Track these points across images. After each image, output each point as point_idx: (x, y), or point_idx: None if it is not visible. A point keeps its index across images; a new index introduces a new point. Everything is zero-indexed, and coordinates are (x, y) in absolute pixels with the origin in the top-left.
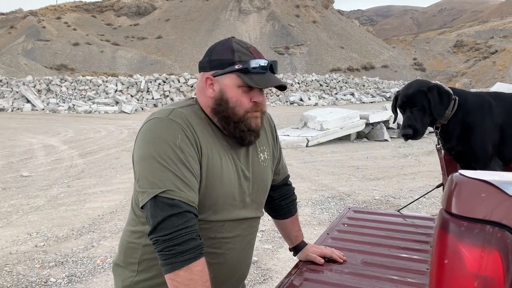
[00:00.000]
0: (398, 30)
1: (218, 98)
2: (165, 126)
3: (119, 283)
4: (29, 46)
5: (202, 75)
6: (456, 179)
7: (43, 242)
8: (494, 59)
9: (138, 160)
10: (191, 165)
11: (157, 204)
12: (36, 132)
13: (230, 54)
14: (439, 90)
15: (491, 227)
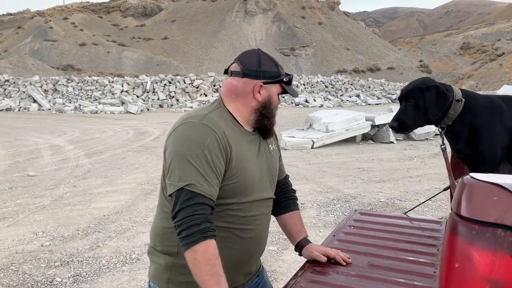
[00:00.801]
0: (404, 32)
1: (266, 101)
2: (197, 130)
3: (160, 266)
4: (36, 46)
5: (249, 81)
6: (467, 182)
7: (49, 242)
8: (501, 61)
9: (170, 156)
10: (215, 164)
11: (179, 195)
12: (42, 132)
13: (276, 67)
14: (437, 90)
15: (503, 230)
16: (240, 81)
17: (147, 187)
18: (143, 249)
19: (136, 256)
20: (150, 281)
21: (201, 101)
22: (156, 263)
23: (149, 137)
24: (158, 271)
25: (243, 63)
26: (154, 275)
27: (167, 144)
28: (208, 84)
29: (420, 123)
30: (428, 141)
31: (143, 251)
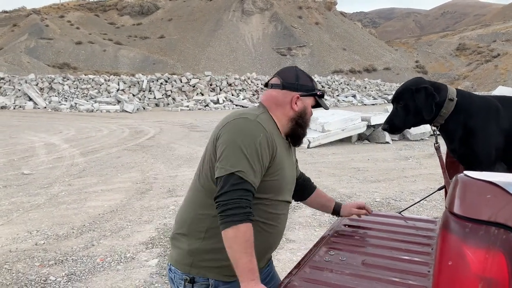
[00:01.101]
0: (400, 33)
1: (302, 112)
2: (253, 125)
3: (183, 251)
4: (32, 44)
5: (288, 93)
6: (460, 179)
7: (43, 240)
8: (496, 62)
9: (225, 143)
10: (262, 159)
11: (229, 178)
12: (37, 130)
13: (311, 82)
14: (426, 91)
15: (496, 228)
16: (280, 93)
17: (142, 186)
18: (138, 248)
19: (131, 255)
20: (171, 264)
21: (198, 100)
22: (179, 248)
23: (145, 136)
24: (181, 256)
25: (283, 77)
26: (177, 260)
27: (221, 132)
28: (205, 83)
29: (411, 124)
30: (423, 142)
31: (138, 250)
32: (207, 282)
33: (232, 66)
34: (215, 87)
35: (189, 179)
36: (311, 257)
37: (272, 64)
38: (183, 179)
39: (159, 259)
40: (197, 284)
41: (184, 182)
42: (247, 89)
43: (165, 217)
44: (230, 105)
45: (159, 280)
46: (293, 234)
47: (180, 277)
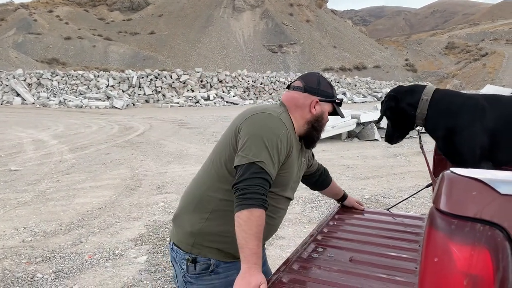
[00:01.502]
0: (390, 31)
1: (319, 116)
2: (276, 122)
3: (185, 232)
4: (19, 39)
5: (309, 96)
6: (447, 176)
7: (31, 237)
8: (484, 61)
9: (248, 135)
10: (280, 154)
11: (250, 167)
12: (25, 126)
13: (331, 89)
14: (390, 99)
15: (481, 225)
16: (301, 95)
17: (131, 183)
18: (126, 245)
19: (119, 252)
20: (173, 243)
21: (188, 97)
22: (182, 228)
23: (134, 132)
24: (183, 236)
25: (305, 81)
26: (179, 239)
27: (244, 125)
28: (195, 80)
29: (401, 131)
30: (412, 139)
31: (126, 247)
32: (209, 262)
33: (223, 63)
34: (206, 83)
35: (178, 175)
36: (299, 254)
37: (263, 61)
38: (172, 176)
39: (148, 256)
40: (198, 264)
41: (173, 179)
42: (237, 86)
43: (154, 214)
44: (221, 101)
45: (148, 277)
46: (283, 230)
47: (182, 257)
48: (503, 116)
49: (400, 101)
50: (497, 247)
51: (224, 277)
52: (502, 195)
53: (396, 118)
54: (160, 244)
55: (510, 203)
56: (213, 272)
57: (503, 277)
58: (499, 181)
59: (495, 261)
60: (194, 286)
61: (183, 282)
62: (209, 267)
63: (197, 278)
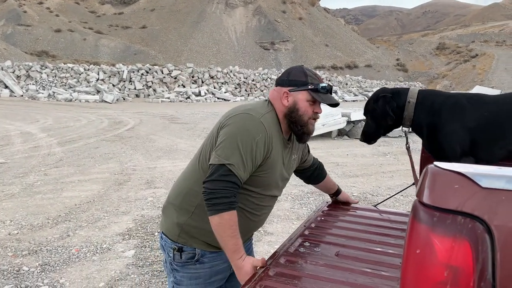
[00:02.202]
0: (382, 30)
1: (291, 107)
2: (255, 124)
3: (173, 222)
4: (9, 31)
5: (279, 89)
6: (430, 170)
7: (17, 230)
8: (474, 62)
9: (226, 135)
10: (256, 157)
11: (219, 168)
12: (13, 118)
13: (304, 77)
14: (384, 99)
15: (462, 218)
16: (275, 89)
17: (120, 177)
18: (114, 239)
19: (107, 246)
20: (162, 232)
21: (179, 92)
22: (170, 218)
23: (124, 127)
24: (171, 226)
25: (280, 75)
26: (167, 228)
27: (226, 123)
28: (187, 75)
29: (382, 131)
30: (401, 138)
31: (114, 241)
32: (194, 252)
33: (215, 59)
34: (197, 79)
35: (168, 171)
36: (286, 248)
37: (255, 58)
38: (162, 171)
39: (135, 250)
40: (184, 253)
41: (163, 174)
42: (229, 82)
43: (142, 208)
44: (212, 97)
45: (135, 271)
46: (271, 226)
47: (169, 246)
48: (484, 115)
49: (391, 102)
50: (477, 239)
51: (209, 266)
52: (483, 188)
53: (383, 119)
54: (148, 238)
55: (491, 196)
56: (198, 261)
57: (482, 269)
58: (481, 174)
59: (475, 253)
60: (179, 273)
61: (170, 269)
62: (194, 257)
63: (183, 266)
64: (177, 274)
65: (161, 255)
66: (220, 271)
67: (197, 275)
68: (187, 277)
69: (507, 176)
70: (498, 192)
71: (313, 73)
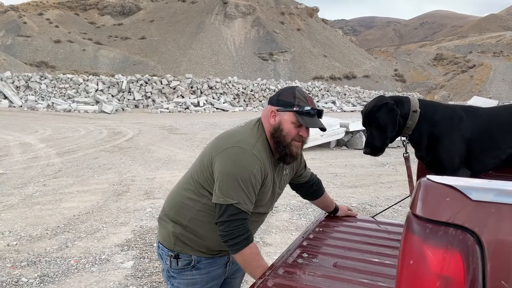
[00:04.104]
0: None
1: (276, 127)
2: (249, 159)
3: (168, 232)
4: (8, 41)
5: (269, 107)
6: (423, 183)
7: (16, 241)
8: (472, 73)
9: (223, 174)
10: (256, 188)
11: (227, 209)
12: (12, 129)
13: (292, 98)
14: (386, 107)
15: (454, 229)
16: (266, 108)
17: (119, 188)
18: (113, 250)
19: (106, 257)
20: (159, 242)
21: (178, 103)
22: (165, 228)
23: (123, 137)
24: (166, 235)
25: (274, 94)
26: (163, 237)
27: (218, 158)
28: (186, 86)
29: (388, 141)
30: (399, 149)
31: (113, 252)
32: (190, 258)
33: (214, 69)
34: (196, 89)
35: (167, 181)
36: (284, 259)
37: (253, 69)
38: (161, 182)
39: (134, 261)
40: (180, 259)
41: (162, 185)
42: (228, 93)
43: (141, 219)
44: (211, 108)
45: (134, 283)
46: (270, 237)
47: (166, 254)
48: (478, 126)
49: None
50: (468, 251)
51: (205, 272)
52: (474, 201)
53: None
54: (147, 249)
55: (480, 209)
56: (195, 267)
57: (473, 279)
58: (471, 188)
59: (466, 264)
60: (177, 280)
61: (167, 277)
62: (190, 263)
63: (179, 273)
64: (174, 281)
65: (160, 266)
66: (216, 276)
67: (194, 281)
68: (184, 284)
69: (496, 189)
70: (488, 205)
71: (304, 96)
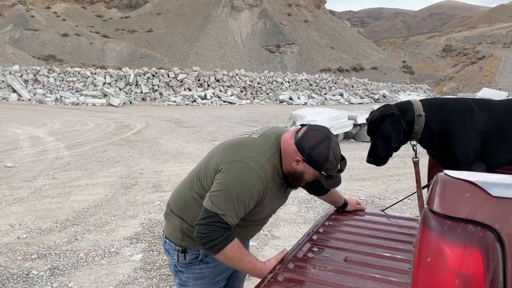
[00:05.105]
0: (388, 33)
1: (297, 173)
2: (252, 178)
3: (175, 227)
4: (16, 35)
5: (296, 151)
6: (440, 178)
7: (26, 234)
8: (481, 64)
9: (222, 184)
10: (249, 206)
11: (211, 215)
12: (21, 122)
13: (324, 161)
14: (391, 118)
15: (473, 226)
16: (292, 145)
17: (127, 181)
18: (122, 242)
19: (115, 250)
20: (166, 237)
21: (185, 96)
22: (172, 223)
23: (131, 130)
24: (173, 230)
25: (305, 135)
26: (170, 233)
27: (223, 167)
28: (193, 79)
29: (392, 151)
30: (407, 143)
31: (122, 245)
32: (198, 252)
33: (220, 62)
34: (203, 82)
35: (175, 174)
36: (294, 253)
37: (260, 61)
38: (168, 175)
39: (143, 254)
40: (188, 254)
41: (170, 178)
42: (235, 86)
43: (150, 212)
44: (218, 101)
45: (143, 275)
46: (278, 230)
47: (173, 248)
48: (491, 119)
49: (400, 120)
50: (488, 248)
51: (213, 266)
52: (494, 197)
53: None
54: (156, 242)
55: (501, 205)
56: (202, 261)
57: (493, 277)
58: (491, 183)
59: (486, 262)
60: (185, 275)
61: (174, 272)
62: (198, 257)
63: (187, 267)
64: (182, 275)
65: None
66: (224, 270)
67: (202, 275)
68: (192, 278)
69: None
70: (509, 201)
71: (336, 158)
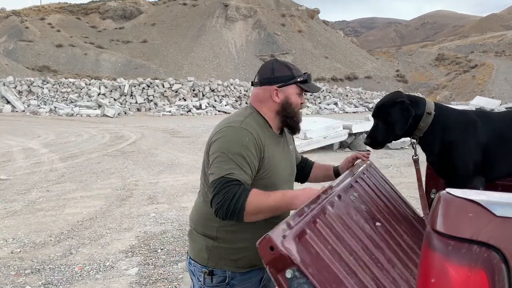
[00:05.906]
0: (381, 42)
1: (284, 103)
2: (237, 132)
3: (201, 246)
4: (11, 46)
5: (266, 88)
6: (443, 197)
7: (19, 248)
8: (474, 73)
9: (215, 152)
10: (250, 159)
11: (220, 180)
12: (15, 134)
13: (289, 71)
14: (402, 106)
15: (478, 247)
16: (260, 90)
17: (122, 193)
18: (117, 256)
19: (110, 263)
20: (191, 258)
21: (180, 106)
22: (197, 242)
23: (126, 141)
24: (199, 250)
25: (260, 73)
26: (195, 253)
27: (212, 141)
28: (187, 89)
29: (392, 138)
30: (403, 150)
31: (117, 259)
32: (225, 274)
33: (215, 72)
34: (198, 92)
35: (170, 185)
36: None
37: (255, 71)
38: (164, 186)
39: (139, 267)
40: (215, 276)
41: (165, 189)
42: (230, 95)
43: (145, 224)
44: (213, 110)
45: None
46: None
47: (199, 270)
48: (493, 131)
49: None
50: (494, 269)
51: None
52: (498, 217)
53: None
54: (151, 256)
55: (506, 225)
56: (229, 284)
57: None
58: (495, 203)
59: (492, 283)
60: None
61: None
62: (225, 280)
63: None
64: None
65: (164, 272)
66: None
67: None
68: None
69: None
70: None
71: (292, 64)
